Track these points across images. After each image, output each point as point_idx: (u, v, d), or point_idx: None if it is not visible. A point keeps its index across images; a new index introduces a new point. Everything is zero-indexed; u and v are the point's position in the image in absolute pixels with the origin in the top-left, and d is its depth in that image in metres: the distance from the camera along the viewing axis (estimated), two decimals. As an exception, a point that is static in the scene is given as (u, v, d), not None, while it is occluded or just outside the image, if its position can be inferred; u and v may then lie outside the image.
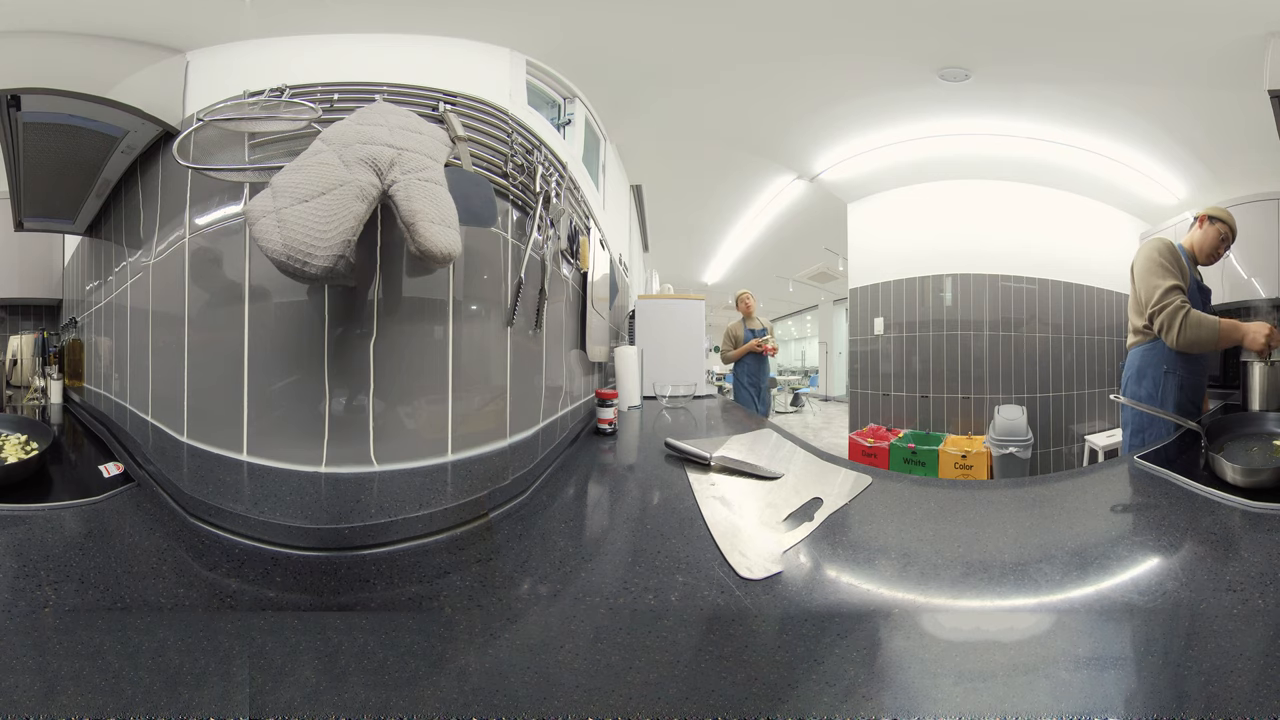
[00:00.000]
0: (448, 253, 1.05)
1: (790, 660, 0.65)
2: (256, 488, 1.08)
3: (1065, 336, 2.73)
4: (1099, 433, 2.64)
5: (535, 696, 0.59)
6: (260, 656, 0.67)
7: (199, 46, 1.34)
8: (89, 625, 0.72)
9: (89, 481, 1.17)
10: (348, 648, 0.69)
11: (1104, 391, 2.70)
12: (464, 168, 1.25)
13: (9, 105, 1.25)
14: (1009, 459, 2.62)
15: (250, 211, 1.02)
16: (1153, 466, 1.18)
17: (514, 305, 1.37)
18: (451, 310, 1.25)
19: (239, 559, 0.87)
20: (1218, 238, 1.85)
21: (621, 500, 1.21)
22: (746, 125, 1.46)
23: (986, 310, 2.86)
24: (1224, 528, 0.95)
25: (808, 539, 0.90)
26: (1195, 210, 1.94)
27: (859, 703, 0.58)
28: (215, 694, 0.61)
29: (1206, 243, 1.87)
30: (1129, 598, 0.77)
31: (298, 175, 1.05)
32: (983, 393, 2.84)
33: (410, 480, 1.10)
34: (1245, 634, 0.67)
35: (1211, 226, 1.88)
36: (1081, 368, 2.75)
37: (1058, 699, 0.60)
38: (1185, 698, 0.59)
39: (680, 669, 0.63)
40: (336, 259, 1.00)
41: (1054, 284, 2.78)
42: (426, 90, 1.31)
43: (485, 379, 1.32)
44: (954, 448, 2.76)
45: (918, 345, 2.94)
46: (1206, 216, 1.89)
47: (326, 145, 1.09)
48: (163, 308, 1.42)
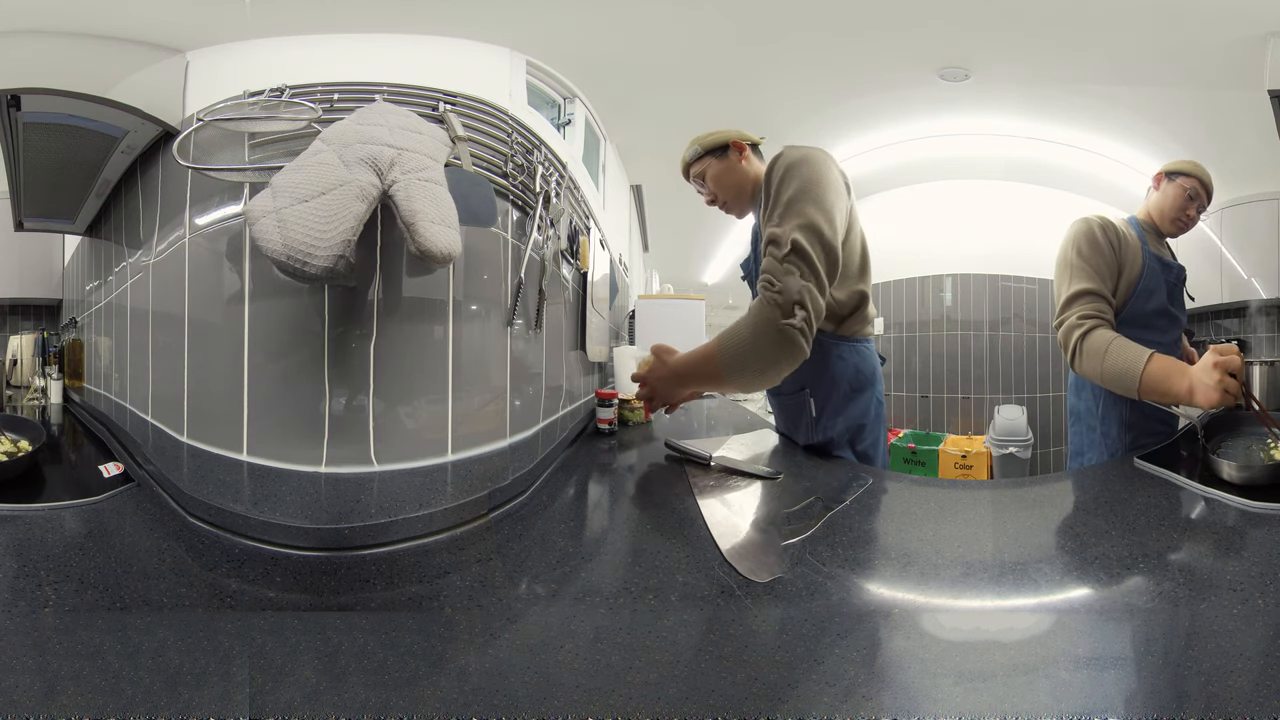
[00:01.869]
0: (448, 253, 1.05)
1: (790, 660, 0.65)
2: (256, 488, 1.08)
3: (1065, 336, 2.73)
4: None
5: (535, 696, 0.59)
6: (260, 656, 0.67)
7: (199, 46, 1.34)
8: (89, 625, 0.72)
9: (89, 481, 1.17)
10: (348, 648, 0.69)
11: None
12: (464, 168, 1.25)
13: (9, 105, 1.25)
14: (1009, 459, 2.63)
15: (250, 211, 1.03)
16: (1152, 466, 1.18)
17: (514, 305, 1.37)
18: (451, 310, 1.25)
19: (239, 559, 0.87)
20: (1183, 196, 1.48)
21: (621, 500, 1.21)
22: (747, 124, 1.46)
23: (986, 310, 2.87)
24: (1224, 528, 0.95)
25: (808, 539, 0.90)
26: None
27: (859, 703, 0.58)
28: (215, 694, 0.61)
29: (1169, 205, 1.49)
30: (1129, 598, 0.77)
31: (298, 175, 1.05)
32: (983, 393, 2.85)
33: (410, 480, 1.10)
34: (1245, 634, 0.67)
35: (1172, 184, 1.50)
36: (1081, 368, 2.75)
37: (1058, 699, 0.60)
38: (1185, 698, 0.59)
39: (680, 669, 0.63)
40: (336, 259, 1.00)
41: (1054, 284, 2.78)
42: (426, 90, 1.31)
43: (485, 379, 1.32)
44: (954, 448, 2.76)
45: (917, 345, 2.94)
46: (1164, 173, 1.52)
47: (326, 145, 1.09)
48: (163, 308, 1.42)
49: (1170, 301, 1.45)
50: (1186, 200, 1.48)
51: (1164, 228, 1.53)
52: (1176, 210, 1.49)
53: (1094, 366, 1.26)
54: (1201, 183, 1.49)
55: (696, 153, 1.48)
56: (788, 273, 1.10)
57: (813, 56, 1.79)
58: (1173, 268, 1.48)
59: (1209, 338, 1.86)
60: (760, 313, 1.12)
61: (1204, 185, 1.49)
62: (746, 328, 1.15)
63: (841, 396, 1.35)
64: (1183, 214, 1.49)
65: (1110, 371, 1.23)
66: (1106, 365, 1.23)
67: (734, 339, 1.17)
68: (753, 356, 1.14)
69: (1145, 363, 1.17)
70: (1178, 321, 1.48)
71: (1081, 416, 1.56)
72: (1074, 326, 1.31)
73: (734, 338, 1.17)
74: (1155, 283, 1.41)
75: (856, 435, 1.36)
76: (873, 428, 1.40)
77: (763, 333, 1.11)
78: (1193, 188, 1.48)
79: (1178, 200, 1.49)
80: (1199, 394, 1.08)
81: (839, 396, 1.35)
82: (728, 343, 1.18)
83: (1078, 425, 1.59)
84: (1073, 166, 2.31)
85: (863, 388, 1.37)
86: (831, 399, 1.35)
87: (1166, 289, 1.43)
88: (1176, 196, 1.49)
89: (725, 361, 1.18)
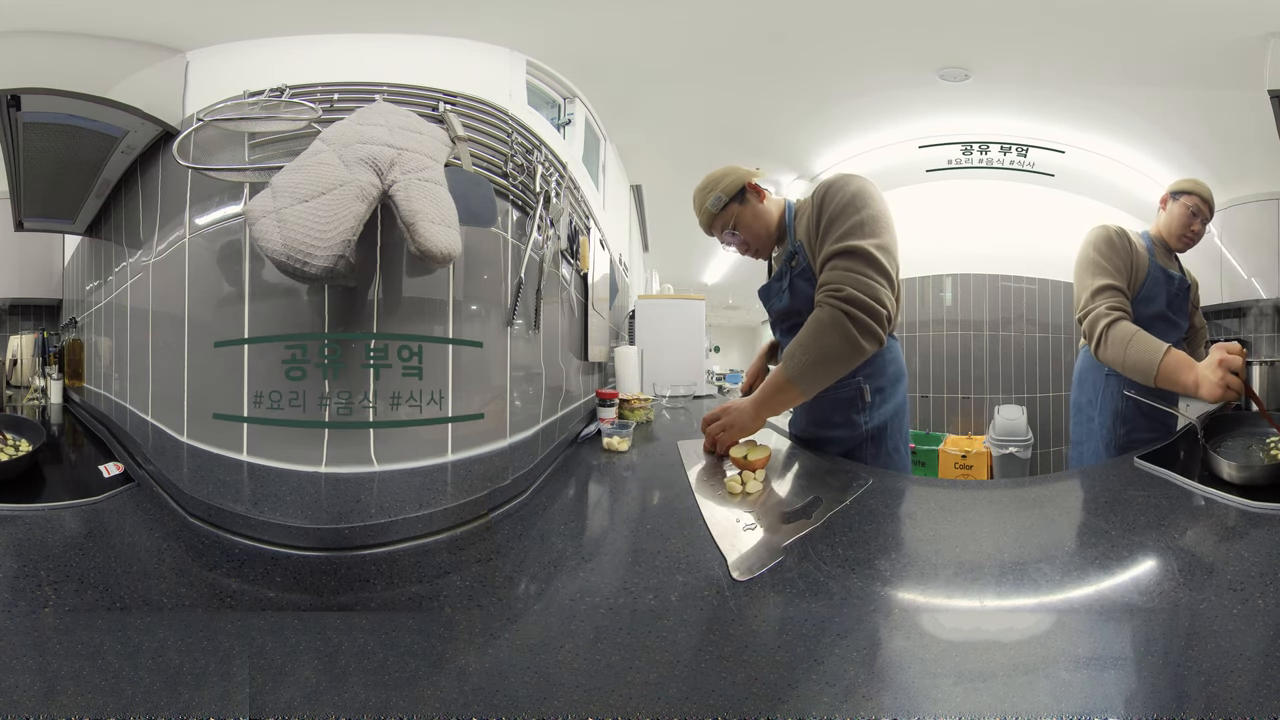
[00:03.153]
0: (448, 253, 1.05)
1: (790, 660, 0.65)
2: (256, 488, 1.08)
3: (1065, 336, 2.73)
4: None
5: (535, 696, 0.59)
6: (260, 656, 0.67)
7: (199, 46, 1.34)
8: (89, 625, 0.72)
9: (89, 481, 1.17)
10: (348, 648, 0.69)
11: (1104, 391, 2.69)
12: (464, 168, 1.25)
13: (9, 105, 1.25)
14: (1009, 459, 2.63)
15: (250, 212, 1.03)
16: (1152, 466, 1.18)
17: (514, 305, 1.37)
18: (451, 310, 1.25)
19: (239, 559, 0.87)
20: (1187, 214, 1.58)
21: (621, 500, 1.21)
22: (747, 125, 1.46)
23: (986, 310, 2.86)
24: (1224, 527, 0.95)
25: (808, 539, 0.90)
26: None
27: (859, 703, 0.58)
28: (215, 694, 0.61)
29: (1175, 223, 1.60)
30: (1129, 598, 0.77)
31: (298, 175, 1.05)
32: (983, 393, 2.84)
33: (410, 480, 1.10)
34: (1245, 634, 0.67)
35: (1176, 203, 1.60)
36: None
37: (1058, 699, 0.60)
38: (1185, 698, 0.59)
39: (680, 669, 0.63)
40: (336, 259, 1.00)
41: (1054, 284, 2.78)
42: (426, 90, 1.31)
43: (485, 379, 1.32)
44: (954, 448, 2.76)
45: (917, 345, 2.94)
46: (1170, 194, 1.63)
47: (326, 145, 1.09)
48: (163, 308, 1.42)
49: (1169, 309, 1.57)
50: (1190, 217, 1.59)
51: (1172, 244, 1.63)
52: (1182, 227, 1.60)
53: (1117, 354, 1.37)
54: (1203, 199, 1.59)
55: (720, 201, 1.45)
56: (868, 277, 1.21)
57: (813, 56, 1.79)
58: (1175, 279, 1.60)
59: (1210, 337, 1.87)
60: (832, 317, 1.20)
61: (1205, 201, 1.59)
62: (821, 334, 1.21)
63: (890, 384, 1.46)
64: (1188, 230, 1.59)
65: (1131, 359, 1.34)
66: (1129, 353, 1.34)
67: (813, 349, 1.22)
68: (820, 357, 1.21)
69: (1163, 355, 1.28)
70: (1176, 327, 1.60)
71: (1082, 409, 1.68)
72: (1101, 316, 1.42)
73: (812, 348, 1.22)
74: (1156, 291, 1.54)
75: (899, 419, 1.48)
76: (907, 412, 1.54)
77: (835, 330, 1.19)
78: (1194, 205, 1.58)
79: (1182, 218, 1.59)
80: (1204, 388, 1.18)
81: (888, 384, 1.46)
82: (803, 357, 1.23)
83: (1078, 417, 1.71)
84: (1073, 167, 2.32)
85: (900, 377, 1.50)
86: (884, 387, 1.45)
87: (1167, 298, 1.56)
88: (1181, 214, 1.59)
89: (801, 372, 1.23)
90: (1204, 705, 0.57)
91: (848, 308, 1.19)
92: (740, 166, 1.48)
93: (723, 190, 1.45)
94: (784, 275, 1.47)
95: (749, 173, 1.47)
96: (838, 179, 1.33)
